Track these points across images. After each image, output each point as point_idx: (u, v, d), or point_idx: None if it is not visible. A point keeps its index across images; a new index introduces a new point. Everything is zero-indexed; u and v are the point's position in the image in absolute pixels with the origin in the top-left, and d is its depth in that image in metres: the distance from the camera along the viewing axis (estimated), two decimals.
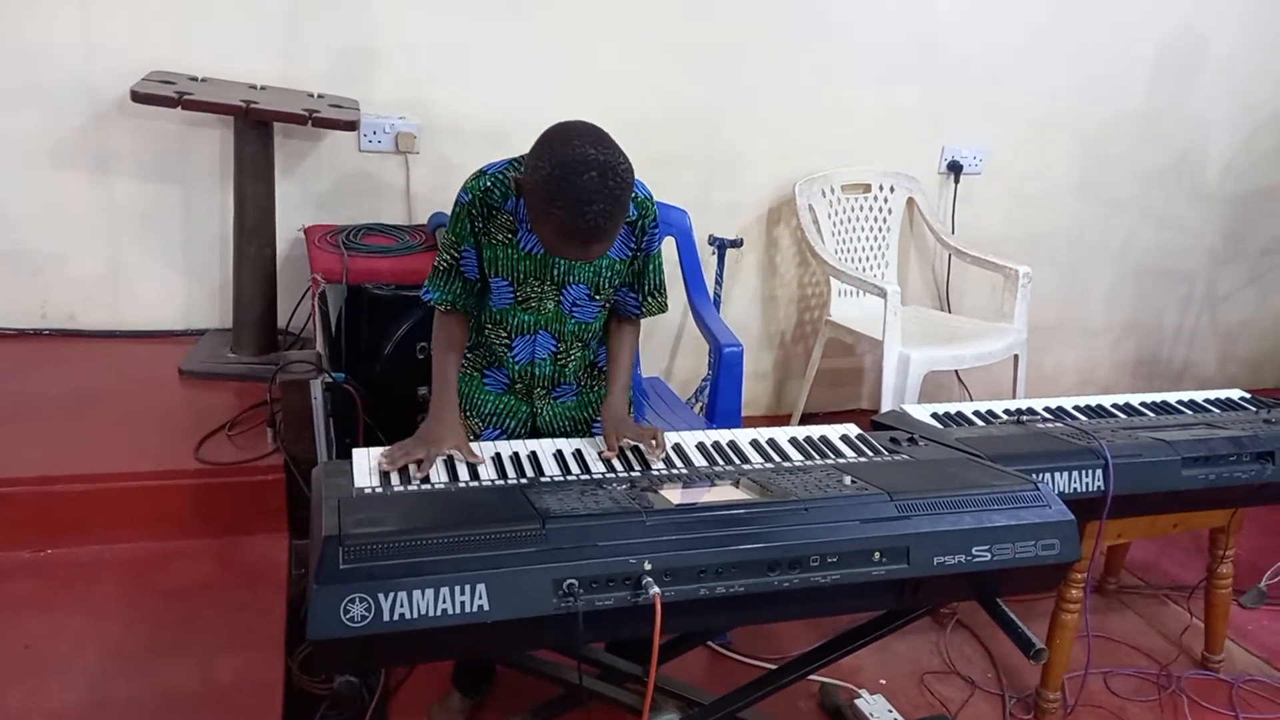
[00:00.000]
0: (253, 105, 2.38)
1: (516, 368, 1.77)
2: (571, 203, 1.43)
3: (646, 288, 1.77)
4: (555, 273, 1.68)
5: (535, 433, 1.81)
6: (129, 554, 2.06)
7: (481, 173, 1.66)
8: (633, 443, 1.66)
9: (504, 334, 1.75)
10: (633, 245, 1.72)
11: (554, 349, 1.76)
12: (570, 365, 1.79)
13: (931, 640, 2.34)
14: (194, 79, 2.53)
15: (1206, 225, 3.77)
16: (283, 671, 1.80)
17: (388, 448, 1.56)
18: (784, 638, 2.25)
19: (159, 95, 2.33)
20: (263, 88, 2.58)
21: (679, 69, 2.99)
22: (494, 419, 1.82)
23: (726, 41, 3.02)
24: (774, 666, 2.09)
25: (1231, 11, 3.47)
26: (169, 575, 2.02)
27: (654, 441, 1.65)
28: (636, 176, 1.54)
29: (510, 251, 1.66)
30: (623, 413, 1.73)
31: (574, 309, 1.72)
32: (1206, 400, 2.24)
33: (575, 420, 1.84)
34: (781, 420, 3.33)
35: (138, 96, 2.33)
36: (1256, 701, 2.22)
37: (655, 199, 1.72)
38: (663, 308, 1.80)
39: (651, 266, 1.75)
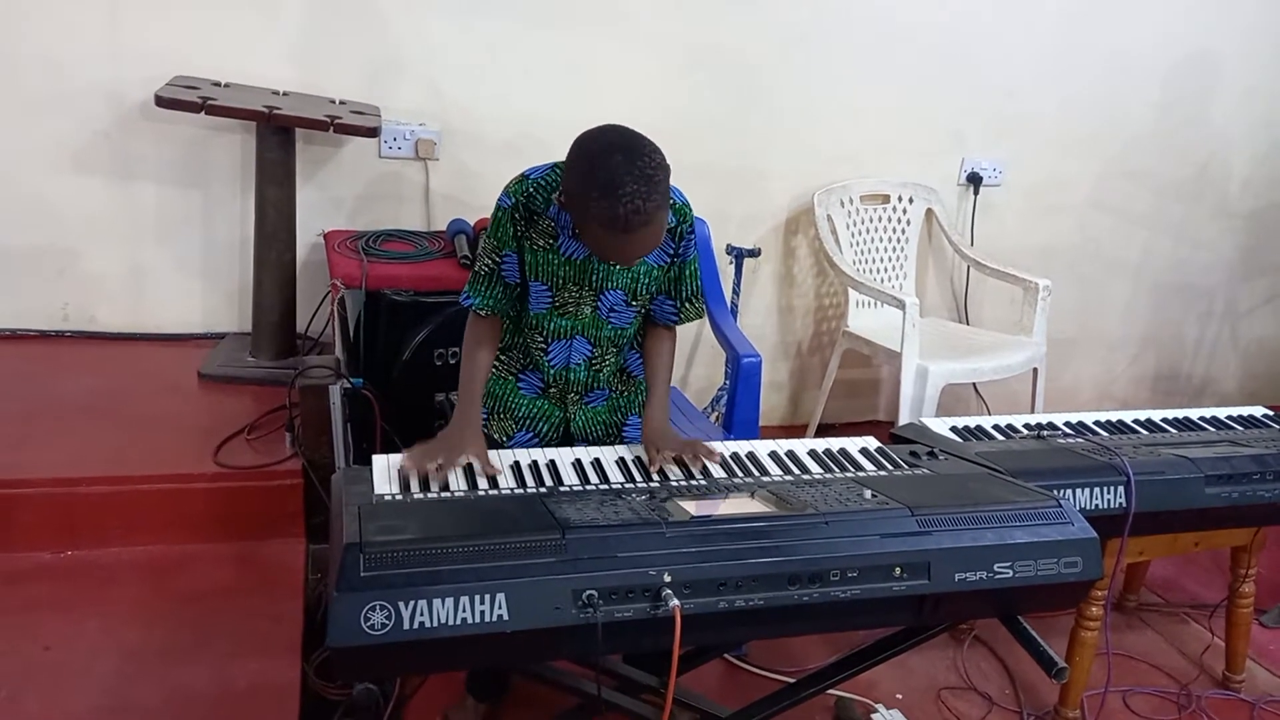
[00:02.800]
0: (275, 111, 2.39)
1: (552, 372, 1.77)
2: (605, 188, 1.43)
3: (684, 294, 1.77)
4: (594, 278, 1.69)
5: (568, 437, 1.81)
6: (147, 557, 2.07)
7: (524, 177, 1.68)
8: (674, 455, 1.65)
9: (540, 339, 1.75)
10: (670, 251, 1.73)
11: (589, 354, 1.76)
12: (605, 371, 1.79)
13: (949, 656, 2.32)
14: (217, 84, 2.55)
15: (1225, 240, 3.75)
16: (299, 676, 1.80)
17: (409, 450, 1.56)
18: (800, 650, 2.24)
19: (183, 100, 2.35)
20: (285, 93, 2.60)
21: (698, 79, 2.99)
22: (527, 422, 1.82)
23: (746, 51, 3.02)
24: (790, 679, 2.08)
25: (1251, 28, 3.45)
26: (187, 578, 2.03)
27: (693, 454, 1.63)
28: (672, 184, 1.54)
29: (550, 257, 1.67)
30: (664, 426, 1.72)
31: (611, 315, 1.73)
32: (1230, 417, 2.22)
33: (607, 425, 1.84)
34: (798, 431, 3.32)
35: (162, 101, 2.34)
36: None
37: None
38: (700, 313, 1.81)
39: (688, 272, 1.76)
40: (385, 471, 1.51)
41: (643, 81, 2.93)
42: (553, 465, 1.61)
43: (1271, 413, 2.25)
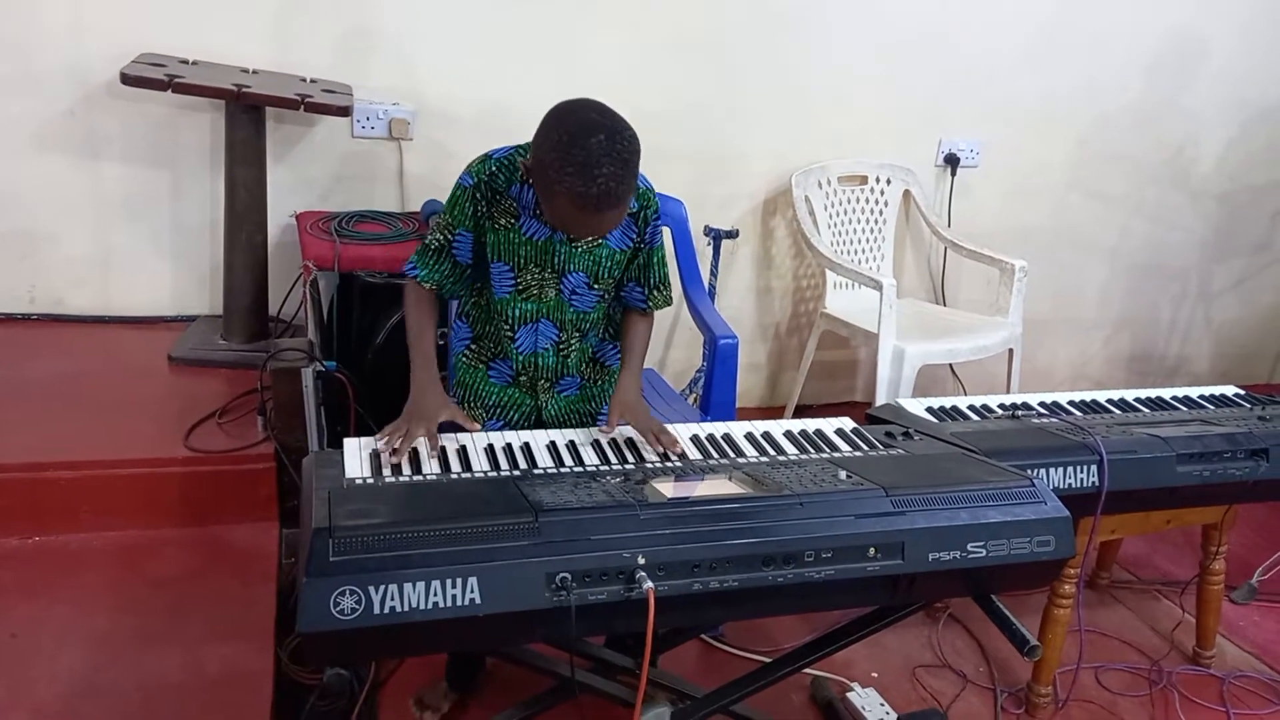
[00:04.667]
0: (244, 89, 2.35)
1: (520, 358, 1.77)
2: (581, 167, 1.44)
3: (651, 281, 1.78)
4: (555, 260, 1.68)
5: (540, 425, 1.80)
6: (118, 542, 2.05)
7: (487, 156, 1.67)
8: (629, 433, 1.65)
9: (507, 326, 1.74)
10: (634, 237, 1.72)
11: (556, 338, 1.76)
12: (572, 356, 1.79)
13: (923, 634, 2.34)
14: (185, 62, 2.50)
15: (1199, 222, 3.77)
16: (272, 661, 1.78)
17: (382, 436, 1.54)
18: (776, 630, 2.25)
19: (149, 78, 2.30)
20: (255, 72, 2.55)
21: (676, 59, 2.97)
22: (498, 410, 1.81)
23: (724, 32, 3.00)
24: (766, 659, 2.09)
25: (1226, 11, 3.46)
26: (158, 564, 2.01)
27: (655, 438, 1.62)
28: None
29: (512, 236, 1.66)
30: (635, 398, 1.72)
31: (573, 297, 1.72)
32: (1201, 396, 2.24)
33: (580, 414, 1.84)
34: (775, 412, 3.32)
35: (127, 79, 2.30)
36: (1247, 697, 2.23)
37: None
38: (668, 301, 1.81)
39: (655, 259, 1.77)
40: (356, 455, 1.50)
41: (621, 61, 2.90)
42: (527, 448, 1.59)
43: (1242, 392, 2.27)
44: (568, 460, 1.56)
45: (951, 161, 3.33)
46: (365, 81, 2.70)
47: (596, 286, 1.73)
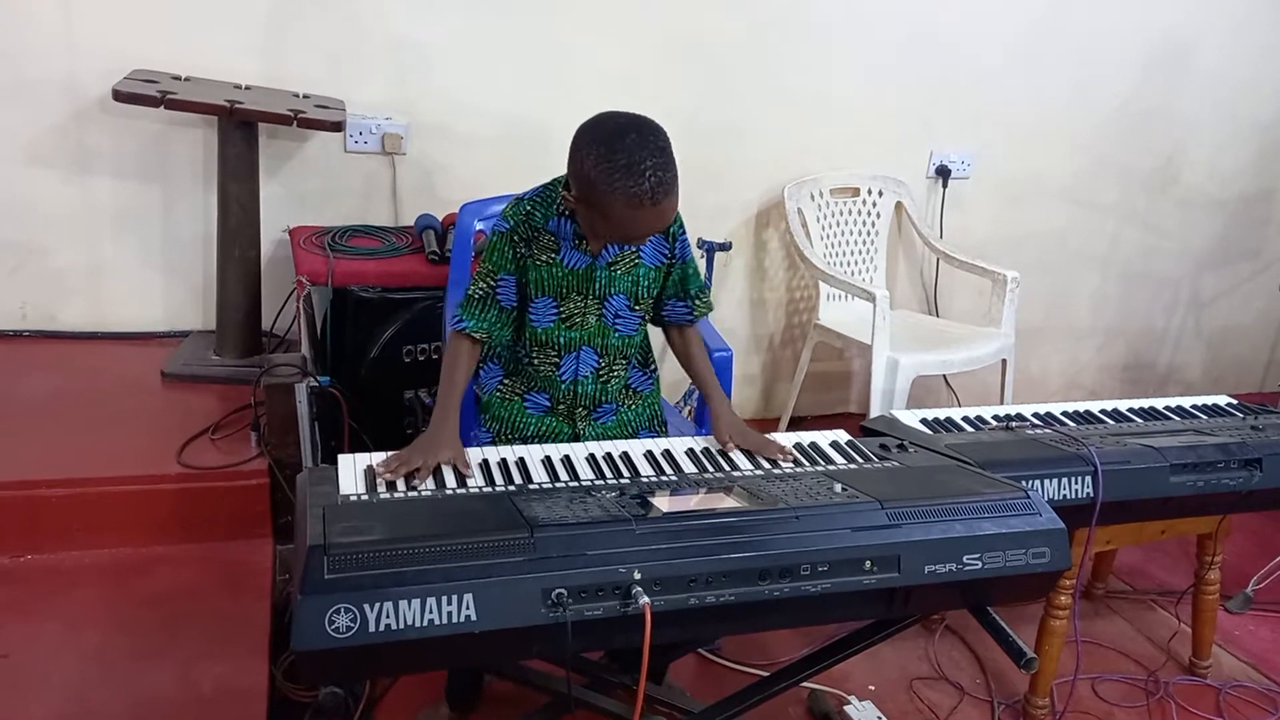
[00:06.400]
0: (237, 105, 2.35)
1: (562, 387, 1.80)
2: (626, 169, 1.49)
3: (692, 291, 1.84)
4: (596, 287, 1.74)
5: None
6: (110, 560, 2.04)
7: (519, 199, 1.72)
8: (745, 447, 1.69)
9: (552, 353, 1.78)
10: (666, 252, 1.79)
11: (596, 365, 1.80)
12: (612, 383, 1.82)
13: (920, 646, 2.33)
14: (177, 78, 2.50)
15: (1191, 230, 3.79)
16: (266, 679, 1.78)
17: (386, 456, 1.54)
18: (773, 644, 2.24)
19: (142, 94, 2.30)
20: (247, 87, 2.56)
21: (668, 72, 2.98)
22: (536, 440, 1.81)
23: (716, 44, 3.01)
24: (763, 673, 2.08)
25: (1217, 20, 3.49)
26: (151, 581, 2.00)
27: (763, 451, 1.68)
28: None
29: (555, 270, 1.72)
30: (734, 418, 1.76)
31: (616, 321, 1.77)
32: (1194, 406, 2.24)
33: (617, 440, 1.84)
34: (770, 424, 3.32)
35: (120, 95, 2.30)
36: (1243, 707, 2.23)
37: None
38: (710, 306, 1.88)
39: (690, 270, 1.84)
40: (351, 471, 1.49)
41: (613, 74, 2.91)
42: (522, 463, 1.59)
43: (1235, 401, 2.28)
44: (563, 475, 1.56)
45: (943, 173, 3.35)
46: (358, 96, 2.70)
47: (638, 308, 1.78)
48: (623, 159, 1.50)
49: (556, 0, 2.82)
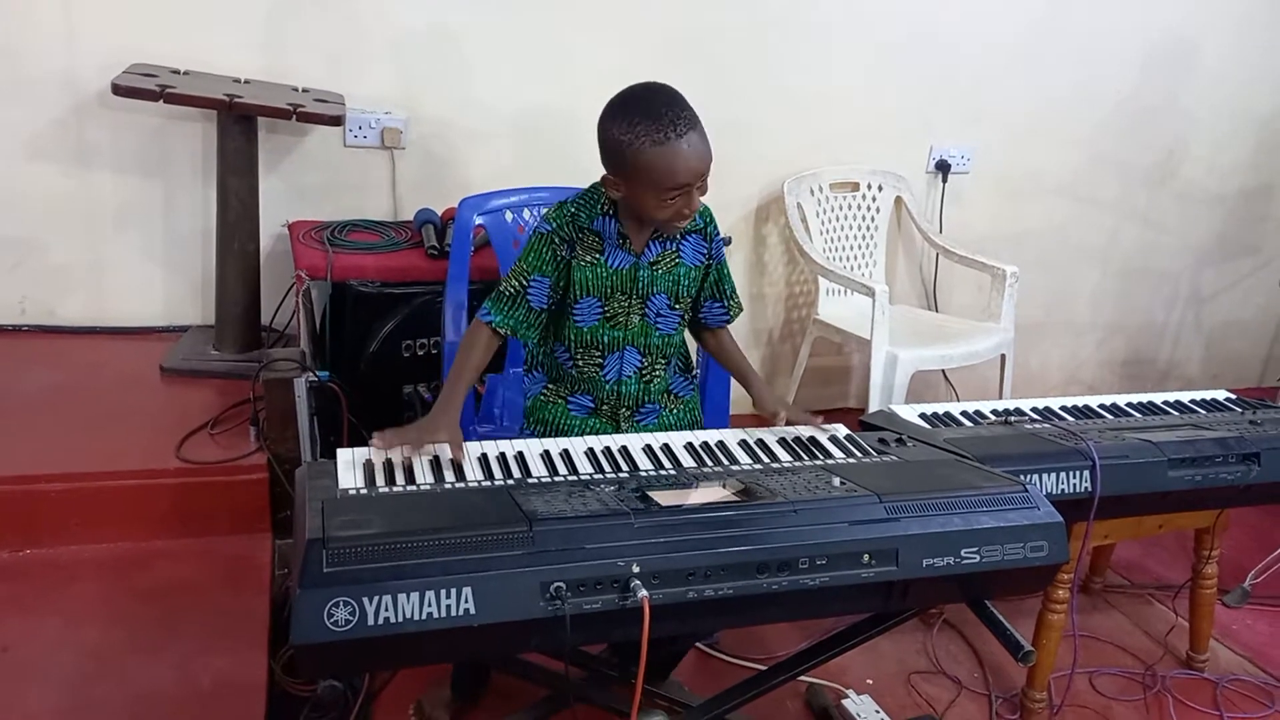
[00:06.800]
0: (236, 99, 2.35)
1: (606, 387, 1.83)
2: (647, 117, 1.61)
3: (727, 292, 1.91)
4: (639, 286, 1.78)
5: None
6: (109, 554, 2.04)
7: (563, 203, 1.78)
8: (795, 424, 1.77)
9: (597, 354, 1.81)
10: (704, 252, 1.84)
11: (639, 364, 1.83)
12: (655, 383, 1.86)
13: (918, 640, 2.34)
14: (176, 72, 2.50)
15: (1190, 225, 3.79)
16: (265, 673, 1.78)
17: (382, 431, 1.55)
18: (771, 637, 2.24)
19: (141, 88, 2.30)
20: (246, 81, 2.55)
21: (668, 65, 2.92)
22: None
23: (716, 39, 3.00)
24: (761, 667, 2.09)
25: (1218, 15, 3.48)
26: (150, 576, 2.00)
27: (815, 421, 1.78)
28: None
29: (599, 270, 1.76)
30: (775, 398, 1.86)
31: (658, 320, 1.81)
32: (1193, 401, 2.24)
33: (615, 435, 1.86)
34: (768, 419, 3.32)
35: (119, 89, 2.29)
36: (1241, 701, 2.23)
37: None
38: (741, 307, 1.95)
39: (725, 272, 1.90)
40: (350, 465, 1.49)
41: (613, 70, 2.84)
42: (521, 457, 1.59)
43: (1234, 396, 2.28)
44: (561, 469, 1.56)
45: (942, 168, 3.34)
46: (357, 90, 2.70)
47: (677, 307, 1.83)
48: (638, 110, 1.62)
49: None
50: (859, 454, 1.70)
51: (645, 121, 1.60)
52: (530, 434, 1.89)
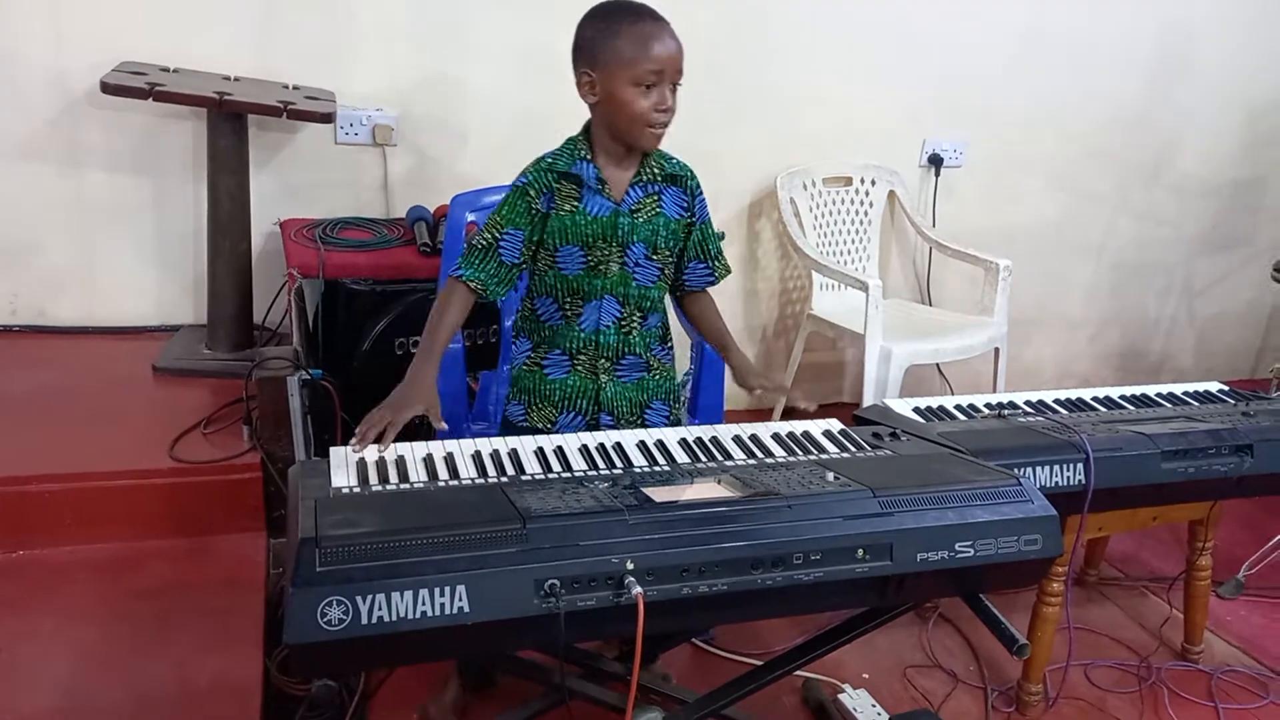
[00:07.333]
0: (226, 97, 2.34)
1: (582, 336, 1.80)
2: (629, 11, 1.70)
3: (712, 252, 1.90)
4: (620, 233, 1.76)
5: (598, 408, 1.84)
6: (103, 554, 2.04)
7: (539, 158, 1.77)
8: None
9: (575, 301, 1.79)
10: (685, 205, 1.83)
11: (618, 314, 1.81)
12: (634, 333, 1.83)
13: (914, 634, 2.34)
14: (166, 70, 2.49)
15: (1183, 218, 3.80)
16: (261, 673, 1.77)
17: (360, 426, 1.55)
18: (766, 632, 2.25)
19: (130, 87, 2.29)
20: (236, 79, 2.54)
21: None
22: (565, 404, 1.83)
23: (708, 33, 2.99)
24: (757, 662, 2.09)
25: (1211, 9, 3.49)
26: (144, 576, 2.00)
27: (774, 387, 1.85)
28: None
29: (578, 218, 1.74)
30: (750, 363, 1.92)
31: (636, 269, 1.79)
32: (1186, 393, 2.25)
33: (633, 403, 1.86)
34: (763, 414, 3.32)
35: (108, 88, 2.28)
36: (1235, 692, 2.24)
37: None
38: (728, 268, 1.95)
39: (710, 232, 1.90)
40: (343, 464, 1.49)
41: None
42: (515, 454, 1.59)
43: (1226, 388, 2.29)
44: (555, 466, 1.56)
45: (935, 162, 3.35)
46: (348, 88, 2.69)
47: (655, 258, 1.80)
48: (614, 6, 1.70)
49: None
50: (853, 449, 1.70)
51: (621, 11, 1.69)
52: (515, 405, 1.86)
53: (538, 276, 1.80)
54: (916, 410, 2.02)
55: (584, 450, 1.62)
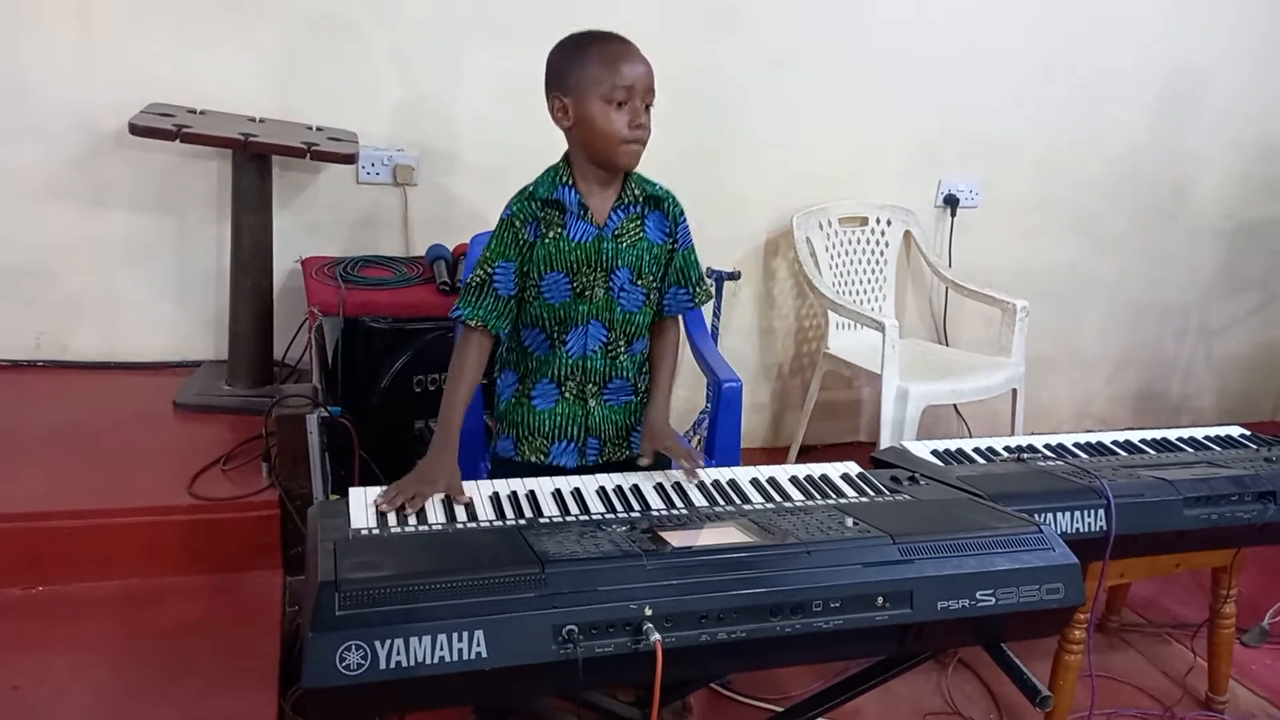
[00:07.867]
0: (251, 138, 2.38)
1: (570, 362, 1.79)
2: (586, 35, 1.73)
3: (693, 278, 1.89)
4: (604, 258, 1.76)
5: (588, 434, 1.83)
6: (120, 591, 2.03)
7: (522, 188, 1.78)
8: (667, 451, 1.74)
9: (564, 328, 1.78)
10: (667, 230, 1.82)
11: (604, 339, 1.80)
12: (620, 358, 1.82)
13: (933, 680, 2.31)
14: (192, 111, 2.53)
15: (1200, 258, 3.79)
16: (275, 714, 1.77)
17: (385, 488, 1.54)
18: (784, 677, 2.22)
19: (158, 128, 2.33)
20: (261, 120, 2.58)
21: (678, 102, 2.98)
22: (555, 433, 1.82)
23: (724, 74, 3.03)
24: (775, 708, 2.07)
25: (1224, 50, 3.51)
26: (161, 613, 2.00)
27: (686, 464, 1.70)
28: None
29: (562, 244, 1.74)
30: (662, 423, 1.81)
31: (621, 294, 1.78)
32: (1207, 438, 2.23)
33: (619, 426, 1.85)
34: (779, 452, 3.31)
35: (136, 129, 2.32)
36: None
37: None
38: (710, 294, 1.94)
39: (692, 258, 1.89)
40: (362, 505, 1.49)
41: None
42: (532, 495, 1.59)
43: (1248, 433, 2.27)
44: (573, 508, 1.56)
45: (951, 202, 3.36)
46: (370, 129, 2.73)
47: (639, 283, 1.79)
48: (579, 34, 1.72)
49: (564, 36, 2.84)
50: (871, 493, 1.69)
51: (588, 37, 1.71)
52: (505, 439, 1.85)
53: (524, 308, 1.79)
54: (934, 453, 2.01)
55: (601, 492, 1.62)
